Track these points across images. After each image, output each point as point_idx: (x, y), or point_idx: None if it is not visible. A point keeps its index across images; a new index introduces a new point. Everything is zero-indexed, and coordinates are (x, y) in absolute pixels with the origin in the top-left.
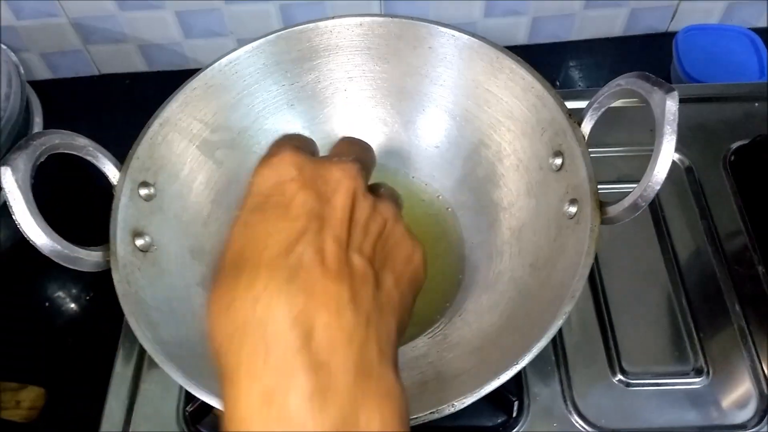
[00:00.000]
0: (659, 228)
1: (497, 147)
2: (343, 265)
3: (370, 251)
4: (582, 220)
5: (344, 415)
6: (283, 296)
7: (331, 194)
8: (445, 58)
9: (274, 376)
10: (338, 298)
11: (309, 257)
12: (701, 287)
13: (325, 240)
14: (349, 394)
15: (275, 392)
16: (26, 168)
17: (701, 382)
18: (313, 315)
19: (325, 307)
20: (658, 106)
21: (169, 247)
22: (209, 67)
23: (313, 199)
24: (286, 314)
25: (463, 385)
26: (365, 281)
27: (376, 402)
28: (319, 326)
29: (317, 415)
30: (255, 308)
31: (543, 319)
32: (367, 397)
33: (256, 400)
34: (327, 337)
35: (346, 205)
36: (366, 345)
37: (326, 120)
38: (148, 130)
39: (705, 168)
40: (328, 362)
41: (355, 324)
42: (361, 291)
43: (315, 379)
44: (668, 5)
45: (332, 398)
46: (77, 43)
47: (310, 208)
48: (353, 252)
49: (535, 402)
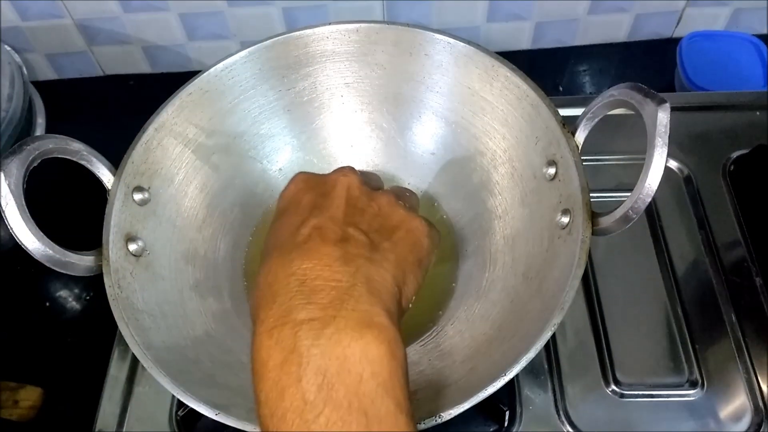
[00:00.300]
0: (656, 237)
1: (492, 155)
2: (337, 235)
3: (366, 225)
4: (574, 230)
5: (327, 340)
6: (286, 262)
7: (329, 190)
8: (441, 65)
9: (276, 316)
10: (330, 256)
11: (310, 233)
12: (698, 298)
13: (324, 220)
14: (332, 323)
15: (275, 326)
16: (19, 173)
17: (696, 394)
18: (308, 269)
19: (319, 263)
20: (649, 117)
21: (163, 252)
22: (205, 72)
23: (315, 197)
24: (286, 272)
25: (453, 395)
26: (358, 245)
27: (358, 331)
28: (311, 276)
29: (304, 341)
30: (267, 275)
31: (533, 330)
32: (349, 326)
33: (264, 336)
34: (317, 284)
35: (341, 195)
36: (353, 288)
37: (322, 126)
38: (143, 134)
39: (704, 177)
40: (317, 301)
41: (342, 272)
42: (353, 251)
43: (304, 314)
44: (673, 11)
45: (318, 327)
46: (81, 44)
47: (312, 202)
48: (348, 226)
49: (528, 411)
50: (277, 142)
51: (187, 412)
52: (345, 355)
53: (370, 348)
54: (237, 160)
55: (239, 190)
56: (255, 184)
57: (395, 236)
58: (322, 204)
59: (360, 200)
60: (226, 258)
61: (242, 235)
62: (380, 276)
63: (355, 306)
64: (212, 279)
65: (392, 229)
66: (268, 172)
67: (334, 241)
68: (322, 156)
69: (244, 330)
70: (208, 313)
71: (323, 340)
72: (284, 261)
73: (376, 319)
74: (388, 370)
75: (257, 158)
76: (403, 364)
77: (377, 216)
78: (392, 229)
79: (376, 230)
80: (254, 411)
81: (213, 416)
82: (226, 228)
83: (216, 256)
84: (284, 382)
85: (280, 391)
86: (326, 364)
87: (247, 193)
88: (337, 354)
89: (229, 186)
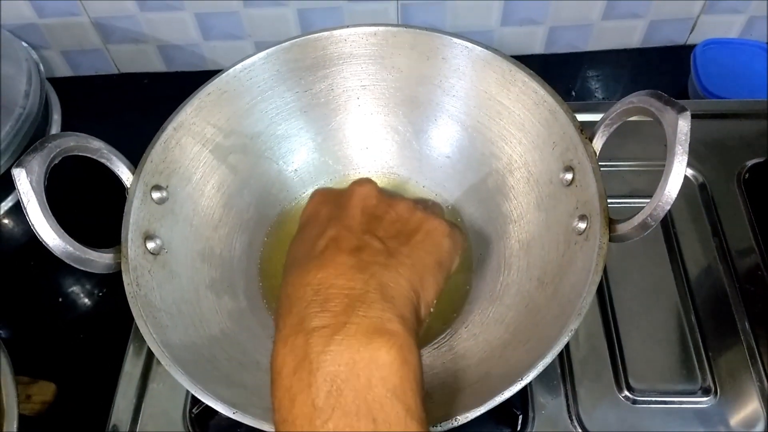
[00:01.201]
0: (670, 244)
1: (508, 159)
2: (352, 244)
3: (383, 232)
4: (591, 236)
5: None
6: (303, 273)
7: (346, 202)
8: (458, 69)
9: (292, 324)
10: (345, 264)
11: (326, 244)
12: (711, 305)
13: (339, 230)
14: (342, 330)
15: (290, 335)
16: (40, 170)
17: (709, 401)
18: (323, 278)
19: (334, 272)
20: (670, 125)
21: (180, 251)
22: (224, 73)
23: (332, 209)
24: (303, 282)
25: (468, 398)
26: (373, 252)
27: (368, 336)
28: (326, 285)
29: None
30: (286, 287)
31: (549, 335)
32: (360, 332)
33: (280, 344)
34: (330, 292)
35: (357, 205)
36: (366, 294)
37: (338, 127)
38: (162, 134)
39: (719, 185)
40: (329, 309)
41: (356, 279)
42: (367, 258)
43: (316, 321)
44: (687, 18)
45: (328, 334)
46: (97, 42)
47: (329, 214)
48: (365, 234)
49: (540, 416)
50: (293, 143)
51: (201, 410)
52: (354, 360)
53: (380, 353)
54: (253, 161)
55: (255, 190)
56: (271, 184)
57: (413, 240)
58: (339, 215)
59: (378, 208)
60: (241, 257)
61: (258, 234)
62: (395, 281)
63: (367, 312)
64: (228, 278)
65: (411, 233)
66: (284, 173)
67: (349, 250)
68: (338, 158)
69: (260, 329)
70: (224, 311)
71: (333, 346)
72: (302, 272)
73: (388, 324)
74: (399, 375)
75: (273, 159)
76: (416, 370)
77: (395, 222)
78: (411, 233)
79: (393, 236)
80: (269, 411)
81: (231, 414)
82: (241, 227)
83: (232, 255)
84: (296, 388)
85: (291, 397)
86: (336, 370)
87: (263, 194)
88: (347, 360)
89: (246, 186)
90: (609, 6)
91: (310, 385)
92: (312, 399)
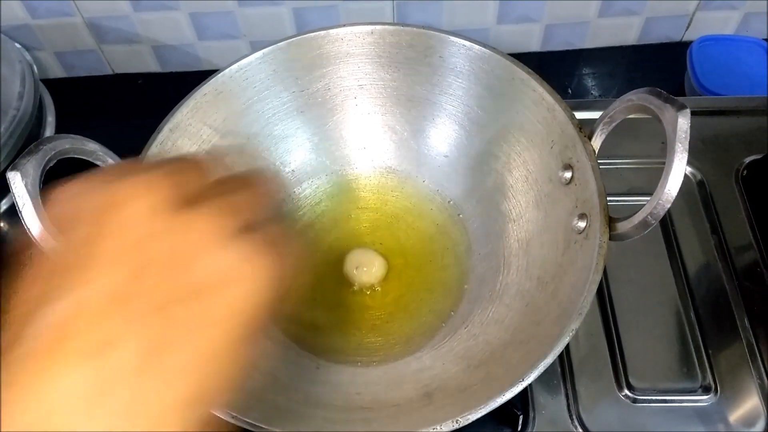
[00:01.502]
0: (669, 241)
1: (506, 158)
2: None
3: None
4: (591, 235)
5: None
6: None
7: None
8: (456, 68)
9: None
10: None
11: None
12: (710, 303)
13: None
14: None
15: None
16: (36, 173)
17: (709, 399)
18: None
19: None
20: (669, 123)
21: None
22: (220, 73)
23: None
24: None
25: (468, 399)
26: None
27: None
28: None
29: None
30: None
31: (549, 335)
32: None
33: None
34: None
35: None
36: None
37: (336, 127)
38: (158, 135)
39: (717, 182)
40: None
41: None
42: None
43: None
44: (683, 15)
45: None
46: (91, 42)
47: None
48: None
49: (541, 415)
50: (290, 143)
51: None
52: None
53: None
54: (250, 161)
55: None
56: None
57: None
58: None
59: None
60: None
61: None
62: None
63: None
64: None
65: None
66: (281, 174)
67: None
68: (335, 158)
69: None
70: None
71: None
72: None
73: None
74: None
75: (270, 159)
76: None
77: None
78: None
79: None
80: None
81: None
82: None
83: None
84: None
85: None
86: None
87: None
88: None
89: None
90: (605, 3)
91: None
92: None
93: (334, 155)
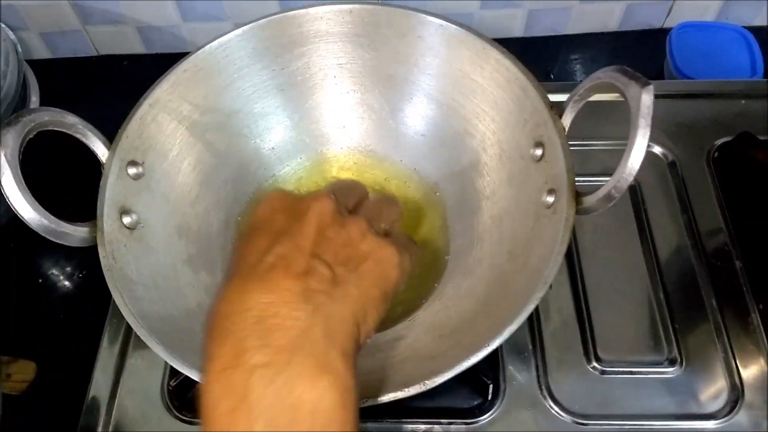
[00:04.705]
0: (640, 220)
1: (481, 136)
2: (301, 267)
3: (332, 256)
4: (558, 209)
5: (279, 388)
6: (245, 293)
7: (301, 216)
8: (433, 48)
9: (229, 356)
10: (290, 291)
11: (273, 262)
12: (679, 280)
13: (290, 249)
14: (285, 370)
15: (226, 369)
16: (15, 143)
17: (675, 371)
18: (266, 305)
19: (278, 299)
20: (633, 98)
21: (156, 226)
22: (200, 50)
23: (286, 220)
24: (244, 306)
25: (439, 366)
26: (321, 280)
27: (311, 379)
28: (269, 313)
29: (255, 389)
30: (223, 303)
31: (517, 305)
32: (304, 374)
33: (214, 377)
34: (274, 322)
35: (312, 221)
36: (310, 329)
37: (315, 106)
38: (138, 109)
39: (688, 163)
40: (271, 343)
41: (301, 309)
42: (314, 286)
43: (258, 357)
44: (664, 1)
45: (271, 375)
46: (76, 23)
47: (281, 227)
48: (314, 257)
49: (511, 386)
50: (270, 121)
51: (178, 383)
52: (296, 405)
53: (324, 399)
54: (231, 138)
55: (232, 167)
56: (248, 162)
57: (361, 268)
58: (291, 230)
59: (330, 228)
60: (218, 233)
61: (234, 211)
62: (340, 314)
63: (312, 350)
64: (205, 254)
65: (360, 259)
66: (261, 151)
67: (297, 273)
68: (315, 136)
69: None
70: (201, 286)
71: (275, 387)
72: (243, 290)
73: (332, 364)
74: (340, 421)
75: (250, 136)
76: (353, 412)
77: (346, 246)
78: (360, 259)
79: (342, 262)
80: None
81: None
82: (218, 204)
83: (209, 231)
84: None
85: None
86: (276, 415)
87: (240, 171)
88: (289, 404)
89: (223, 163)
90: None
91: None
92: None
93: (313, 133)
